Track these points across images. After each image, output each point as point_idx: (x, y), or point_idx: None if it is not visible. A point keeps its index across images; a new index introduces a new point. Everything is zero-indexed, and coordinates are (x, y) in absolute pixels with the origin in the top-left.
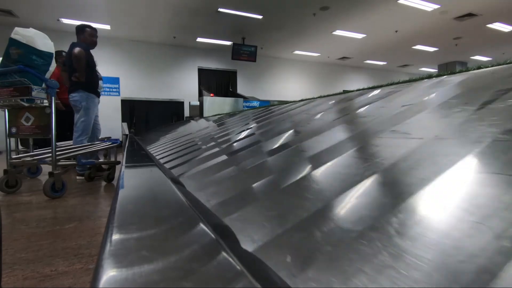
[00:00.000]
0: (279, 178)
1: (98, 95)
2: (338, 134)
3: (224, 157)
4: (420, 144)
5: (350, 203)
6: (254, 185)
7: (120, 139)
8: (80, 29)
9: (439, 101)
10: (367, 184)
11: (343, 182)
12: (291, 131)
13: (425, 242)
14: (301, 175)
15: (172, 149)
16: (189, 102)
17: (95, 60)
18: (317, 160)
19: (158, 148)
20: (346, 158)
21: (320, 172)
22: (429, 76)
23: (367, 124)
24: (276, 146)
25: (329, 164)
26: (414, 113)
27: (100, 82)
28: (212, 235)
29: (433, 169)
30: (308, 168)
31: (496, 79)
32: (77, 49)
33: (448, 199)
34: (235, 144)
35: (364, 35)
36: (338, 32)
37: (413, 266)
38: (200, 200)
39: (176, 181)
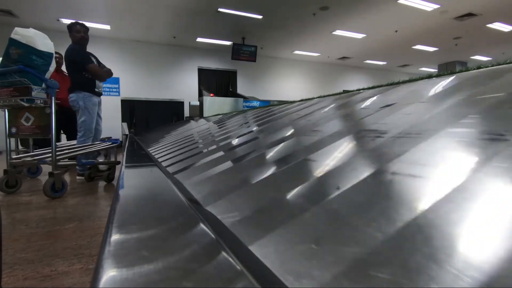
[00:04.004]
0: (284, 189)
1: (98, 94)
2: (349, 139)
3: (221, 157)
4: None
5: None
6: (257, 192)
7: (120, 139)
8: (68, 28)
9: (455, 105)
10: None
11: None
12: (296, 134)
13: None
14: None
15: (172, 149)
16: (189, 102)
17: (94, 59)
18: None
19: (158, 149)
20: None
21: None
22: (429, 76)
23: (379, 128)
24: (281, 152)
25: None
26: (433, 121)
27: (100, 82)
28: (212, 235)
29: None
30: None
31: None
32: (90, 66)
33: None
34: (234, 145)
35: (364, 35)
36: (338, 32)
37: None
38: (200, 201)
39: (175, 180)
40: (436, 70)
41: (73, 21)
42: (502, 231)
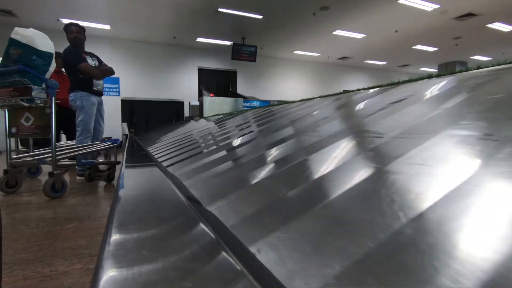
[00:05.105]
0: (287, 193)
1: (97, 93)
2: (353, 139)
3: (222, 157)
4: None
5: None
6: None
7: (120, 139)
8: (64, 30)
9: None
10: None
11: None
12: (296, 135)
13: None
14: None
15: (172, 149)
16: (189, 102)
17: (93, 58)
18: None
19: (158, 149)
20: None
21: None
22: (429, 76)
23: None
24: (281, 152)
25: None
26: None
27: (98, 81)
28: (212, 235)
29: None
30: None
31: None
32: (81, 65)
33: None
34: (234, 145)
35: (364, 35)
36: (338, 32)
37: None
38: (201, 202)
39: (176, 180)
40: (436, 70)
41: (75, 21)
42: (503, 232)
